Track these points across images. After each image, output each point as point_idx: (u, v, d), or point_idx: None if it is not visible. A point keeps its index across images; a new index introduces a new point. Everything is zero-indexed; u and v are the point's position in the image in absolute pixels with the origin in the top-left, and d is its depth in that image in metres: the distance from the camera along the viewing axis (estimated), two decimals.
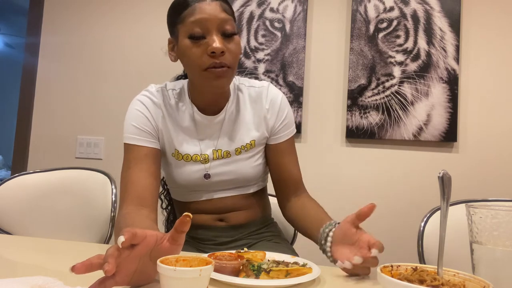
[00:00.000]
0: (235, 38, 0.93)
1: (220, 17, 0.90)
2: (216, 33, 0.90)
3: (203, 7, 0.89)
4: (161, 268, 0.55)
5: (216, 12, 0.90)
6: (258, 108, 1.04)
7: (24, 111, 2.37)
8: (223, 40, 0.90)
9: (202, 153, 1.00)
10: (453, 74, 1.88)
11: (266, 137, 1.05)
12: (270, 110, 1.04)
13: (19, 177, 1.41)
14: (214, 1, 0.91)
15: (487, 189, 1.82)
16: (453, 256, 0.87)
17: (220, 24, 0.90)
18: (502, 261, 0.60)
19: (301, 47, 2.04)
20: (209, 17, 0.89)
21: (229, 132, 1.02)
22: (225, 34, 0.91)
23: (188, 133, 1.01)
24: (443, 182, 0.62)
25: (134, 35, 2.28)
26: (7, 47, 6.15)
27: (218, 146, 1.01)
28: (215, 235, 1.06)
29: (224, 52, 0.90)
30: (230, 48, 0.91)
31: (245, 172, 1.03)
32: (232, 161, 1.02)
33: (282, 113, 1.05)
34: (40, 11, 2.40)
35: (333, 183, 1.97)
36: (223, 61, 0.90)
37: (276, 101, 1.04)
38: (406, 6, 1.95)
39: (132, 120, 0.99)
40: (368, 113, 1.94)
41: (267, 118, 1.04)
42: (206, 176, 1.00)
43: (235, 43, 0.93)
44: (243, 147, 1.02)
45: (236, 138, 1.02)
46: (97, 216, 1.34)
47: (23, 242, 1.01)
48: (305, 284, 0.70)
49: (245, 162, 1.03)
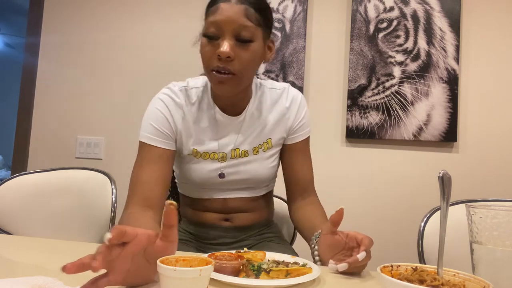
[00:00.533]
0: (251, 46, 0.90)
1: (238, 22, 0.87)
2: (229, 37, 0.88)
3: (224, 9, 0.88)
4: (161, 268, 0.55)
5: (237, 16, 0.87)
6: (278, 108, 1.04)
7: (24, 111, 2.37)
8: (236, 46, 0.88)
9: (221, 151, 1.00)
10: (453, 74, 1.88)
11: (283, 137, 1.06)
12: (290, 108, 1.04)
13: (19, 177, 1.41)
14: (239, 4, 0.88)
15: (487, 189, 1.82)
16: (453, 256, 0.87)
17: (237, 29, 0.88)
18: (502, 261, 0.60)
19: (301, 47, 2.04)
20: (227, 19, 0.87)
21: (249, 132, 1.02)
22: (240, 39, 0.89)
23: (208, 132, 1.01)
24: (443, 182, 0.62)
25: (134, 35, 2.28)
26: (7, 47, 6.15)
27: (237, 145, 1.01)
28: (219, 234, 1.06)
29: (232, 58, 0.88)
30: (241, 55, 0.89)
31: (260, 173, 1.03)
32: (249, 161, 1.02)
33: (301, 112, 1.06)
34: (40, 11, 2.39)
35: (333, 183, 1.96)
36: (227, 66, 0.88)
37: (296, 100, 1.05)
38: (406, 6, 1.95)
39: (152, 120, 0.98)
40: (368, 113, 1.94)
41: (286, 117, 1.04)
42: (221, 176, 1.01)
43: (249, 51, 0.90)
44: (260, 146, 1.03)
45: (255, 138, 1.02)
46: (97, 216, 1.34)
47: (23, 242, 1.01)
48: (305, 284, 0.70)
49: (262, 162, 1.03)
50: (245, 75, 0.92)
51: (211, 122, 1.01)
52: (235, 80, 0.91)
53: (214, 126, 1.01)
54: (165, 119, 0.98)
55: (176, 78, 2.21)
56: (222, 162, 1.01)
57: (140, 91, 2.24)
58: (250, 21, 0.88)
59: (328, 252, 0.82)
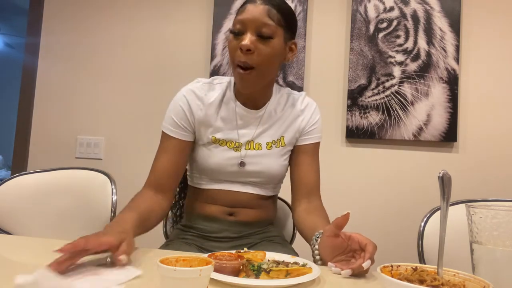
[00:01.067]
0: (271, 42, 0.98)
1: (261, 20, 0.96)
2: (251, 33, 0.96)
3: (250, 9, 0.98)
4: (161, 268, 0.55)
5: (260, 16, 0.96)
6: (294, 110, 1.12)
7: (24, 111, 2.37)
8: (257, 41, 0.97)
9: (237, 141, 1.07)
10: (453, 74, 1.88)
11: (295, 137, 1.12)
12: (304, 112, 1.12)
13: (19, 177, 1.41)
14: (263, 5, 0.97)
15: (487, 189, 1.82)
16: (453, 256, 0.87)
17: (259, 26, 0.96)
18: (502, 261, 0.60)
19: (301, 47, 2.04)
20: (251, 18, 0.96)
21: (265, 128, 1.09)
22: (261, 35, 0.97)
23: (227, 123, 1.08)
24: (443, 182, 0.62)
25: (134, 35, 2.28)
26: (7, 47, 6.16)
27: (253, 138, 1.08)
28: (222, 228, 1.08)
29: (252, 51, 0.96)
30: (260, 49, 0.97)
31: (273, 168, 1.08)
32: (263, 154, 1.08)
33: (314, 117, 1.13)
34: (40, 11, 2.39)
35: (333, 183, 1.96)
36: (247, 60, 0.97)
37: (311, 106, 1.13)
38: (406, 6, 1.95)
39: (172, 113, 1.09)
40: (368, 113, 1.94)
41: (299, 119, 1.11)
42: (242, 164, 1.06)
43: (269, 47, 0.98)
44: (273, 142, 1.09)
45: (270, 134, 1.09)
46: (97, 216, 1.34)
47: (23, 242, 1.01)
48: (305, 284, 0.70)
49: (275, 158, 1.09)
50: (264, 69, 1.00)
51: (231, 114, 1.08)
52: (255, 75, 0.99)
53: (233, 118, 1.08)
54: (184, 113, 1.07)
55: (176, 78, 2.22)
56: (237, 152, 1.07)
57: (140, 91, 2.24)
58: (271, 20, 0.97)
59: (329, 253, 0.83)
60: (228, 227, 1.08)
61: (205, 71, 2.14)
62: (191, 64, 2.18)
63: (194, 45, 2.18)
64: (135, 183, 2.51)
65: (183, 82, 2.27)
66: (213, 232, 1.08)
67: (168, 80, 2.20)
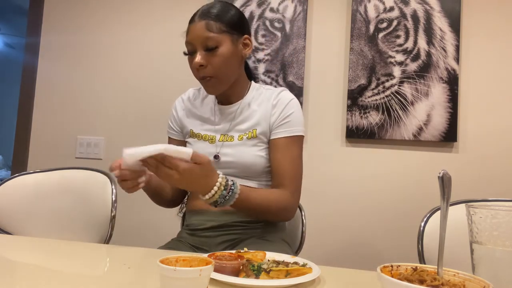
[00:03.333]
0: (218, 51, 1.08)
1: (203, 36, 1.08)
2: (200, 50, 1.09)
3: (191, 29, 1.11)
4: (161, 268, 0.55)
5: (200, 32, 1.08)
6: (267, 104, 1.17)
7: (24, 111, 2.37)
8: (207, 55, 1.09)
9: (211, 134, 1.18)
10: (453, 74, 1.88)
11: (267, 129, 1.15)
12: (276, 106, 1.16)
13: (19, 177, 1.41)
14: (200, 21, 1.09)
15: (487, 189, 1.82)
16: (453, 256, 0.87)
17: (203, 42, 1.08)
18: (502, 261, 0.60)
19: (301, 47, 2.04)
20: (194, 37, 1.09)
21: (238, 122, 1.17)
22: (207, 49, 1.08)
23: (207, 121, 1.20)
24: (443, 182, 0.62)
25: (134, 35, 2.28)
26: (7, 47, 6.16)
27: (226, 131, 1.17)
28: (207, 219, 1.12)
29: (204, 65, 1.09)
30: (212, 61, 1.09)
31: (246, 158, 1.12)
32: (235, 144, 1.14)
33: (286, 112, 1.15)
34: (40, 11, 2.40)
35: (333, 183, 1.97)
36: (204, 74, 1.10)
37: (283, 100, 1.16)
38: (406, 6, 1.95)
39: (169, 117, 1.29)
40: (368, 113, 1.94)
41: (271, 113, 1.15)
42: (216, 157, 1.14)
43: (218, 56, 1.08)
44: (245, 134, 1.15)
45: (242, 127, 1.16)
46: (97, 216, 1.34)
47: (23, 242, 1.01)
48: (305, 284, 0.70)
49: (247, 148, 1.14)
50: (221, 75, 1.11)
51: (211, 112, 1.21)
52: (215, 81, 1.12)
53: (211, 114, 1.21)
54: (173, 116, 1.27)
55: (176, 78, 2.22)
56: (212, 143, 1.16)
57: (140, 91, 2.24)
58: (212, 32, 1.08)
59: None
60: (213, 218, 1.12)
61: None
62: None
63: None
64: None
65: (183, 82, 2.28)
66: (201, 225, 1.13)
67: (168, 80, 2.20)
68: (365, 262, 1.84)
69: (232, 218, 1.12)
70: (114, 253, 0.99)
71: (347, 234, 1.91)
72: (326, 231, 1.92)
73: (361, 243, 1.89)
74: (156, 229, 2.10)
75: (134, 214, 2.14)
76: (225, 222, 1.11)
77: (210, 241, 1.11)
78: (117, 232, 1.35)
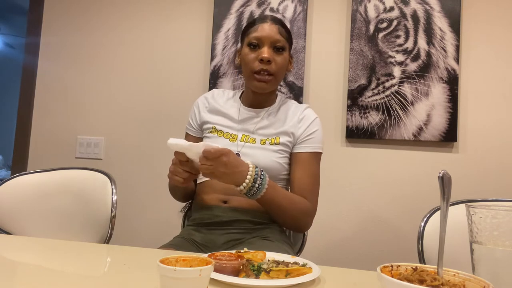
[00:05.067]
0: (284, 54, 1.19)
1: (274, 37, 1.17)
2: (268, 46, 1.17)
3: (264, 27, 1.19)
4: (161, 268, 0.55)
5: (272, 33, 1.18)
6: (293, 117, 1.23)
7: (24, 111, 2.37)
8: (273, 53, 1.17)
9: (234, 133, 1.22)
10: (453, 74, 1.88)
11: (290, 141, 1.20)
12: (302, 122, 1.22)
13: (19, 177, 1.41)
14: (273, 25, 1.19)
15: (487, 189, 1.82)
16: (453, 256, 0.87)
17: (274, 41, 1.17)
18: (502, 261, 0.60)
19: (301, 47, 2.04)
20: (266, 34, 1.17)
21: (263, 126, 1.22)
22: (275, 48, 1.18)
23: (231, 120, 1.24)
24: (443, 182, 0.62)
25: (134, 35, 2.28)
26: (7, 47, 6.16)
27: (249, 133, 1.21)
28: (215, 214, 1.15)
29: (271, 62, 1.16)
30: (277, 60, 1.18)
31: (264, 161, 1.16)
32: (257, 147, 1.18)
33: (311, 129, 1.21)
34: (40, 11, 2.39)
35: (333, 183, 1.96)
36: (268, 68, 1.16)
37: (309, 117, 1.23)
38: (406, 6, 1.95)
39: (190, 114, 1.32)
40: (368, 113, 1.94)
41: (297, 127, 1.21)
42: (237, 155, 1.15)
43: (283, 58, 1.19)
44: (268, 139, 1.20)
45: (267, 132, 1.21)
46: (97, 216, 1.34)
47: (23, 242, 1.01)
48: (305, 284, 0.70)
49: (268, 153, 1.17)
50: (278, 76, 1.20)
51: (234, 112, 1.25)
52: (273, 80, 1.19)
53: (236, 115, 1.25)
54: (194, 114, 1.30)
55: (176, 78, 2.22)
56: (232, 142, 1.20)
57: (140, 91, 2.24)
58: (282, 37, 1.19)
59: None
60: (222, 213, 1.15)
61: (205, 71, 2.14)
62: (191, 64, 2.18)
63: (194, 45, 2.18)
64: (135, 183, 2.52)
65: (183, 82, 2.27)
66: (208, 219, 1.15)
67: (168, 80, 2.20)
68: (365, 262, 1.84)
69: (239, 216, 1.14)
70: (114, 253, 0.99)
71: (347, 234, 1.91)
72: (326, 231, 1.92)
73: (361, 243, 1.89)
74: (156, 229, 2.10)
75: (134, 214, 2.14)
76: (232, 219, 1.13)
77: (214, 238, 1.12)
78: (117, 232, 1.35)
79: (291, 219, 1.14)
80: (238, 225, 1.14)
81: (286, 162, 1.20)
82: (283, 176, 1.20)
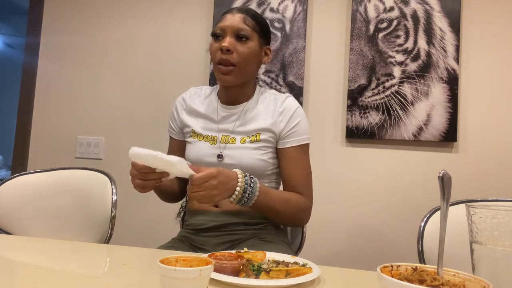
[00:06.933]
0: (247, 43, 1.13)
1: (238, 26, 1.12)
2: (230, 36, 1.12)
3: (227, 17, 1.14)
4: (161, 268, 0.55)
5: (236, 22, 1.12)
6: (272, 110, 1.18)
7: (24, 111, 2.37)
8: (236, 42, 1.12)
9: (213, 135, 1.18)
10: (453, 74, 1.88)
11: (273, 136, 1.16)
12: (282, 115, 1.16)
13: (19, 177, 1.41)
14: (238, 14, 1.14)
15: (487, 189, 1.82)
16: (453, 256, 0.87)
17: (236, 30, 1.12)
18: (502, 261, 0.60)
19: (301, 47, 2.04)
20: (229, 23, 1.12)
21: (241, 124, 1.17)
22: (238, 37, 1.12)
23: (209, 120, 1.20)
24: (443, 182, 0.62)
25: (134, 35, 2.28)
26: (7, 47, 6.16)
27: (228, 133, 1.17)
28: (208, 219, 1.13)
29: (232, 51, 1.11)
30: (239, 49, 1.12)
31: (249, 160, 1.13)
32: (238, 147, 1.14)
33: (293, 121, 1.16)
34: (40, 11, 2.39)
35: (333, 183, 1.96)
36: (228, 58, 1.11)
37: (290, 109, 1.17)
38: (406, 6, 1.95)
39: (169, 117, 1.29)
40: (368, 113, 1.94)
41: (278, 121, 1.16)
42: (219, 156, 1.15)
43: (247, 47, 1.13)
44: (248, 137, 1.15)
45: (245, 129, 1.16)
46: (97, 216, 1.34)
47: (23, 242, 1.01)
48: (305, 284, 0.70)
49: (250, 151, 1.14)
50: (243, 67, 1.13)
51: (213, 113, 1.21)
52: (236, 71, 1.12)
53: (214, 115, 1.20)
54: (173, 116, 1.27)
55: (176, 78, 2.22)
56: (212, 144, 1.16)
57: (140, 91, 2.24)
58: (247, 25, 1.13)
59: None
60: (214, 218, 1.13)
61: (205, 71, 2.14)
62: (191, 64, 2.18)
63: (194, 45, 2.18)
64: None
65: (183, 82, 2.27)
66: (202, 225, 1.14)
67: (168, 80, 2.20)
68: (365, 262, 1.84)
69: (233, 219, 1.12)
70: (114, 253, 0.99)
71: (347, 234, 1.91)
72: (326, 231, 1.92)
73: (361, 243, 1.89)
74: (156, 229, 2.10)
75: (134, 214, 2.14)
76: (226, 222, 1.12)
77: (211, 241, 1.11)
78: (117, 232, 1.35)
79: (287, 219, 1.14)
80: (232, 228, 1.12)
81: (271, 157, 1.16)
82: (270, 172, 1.17)
